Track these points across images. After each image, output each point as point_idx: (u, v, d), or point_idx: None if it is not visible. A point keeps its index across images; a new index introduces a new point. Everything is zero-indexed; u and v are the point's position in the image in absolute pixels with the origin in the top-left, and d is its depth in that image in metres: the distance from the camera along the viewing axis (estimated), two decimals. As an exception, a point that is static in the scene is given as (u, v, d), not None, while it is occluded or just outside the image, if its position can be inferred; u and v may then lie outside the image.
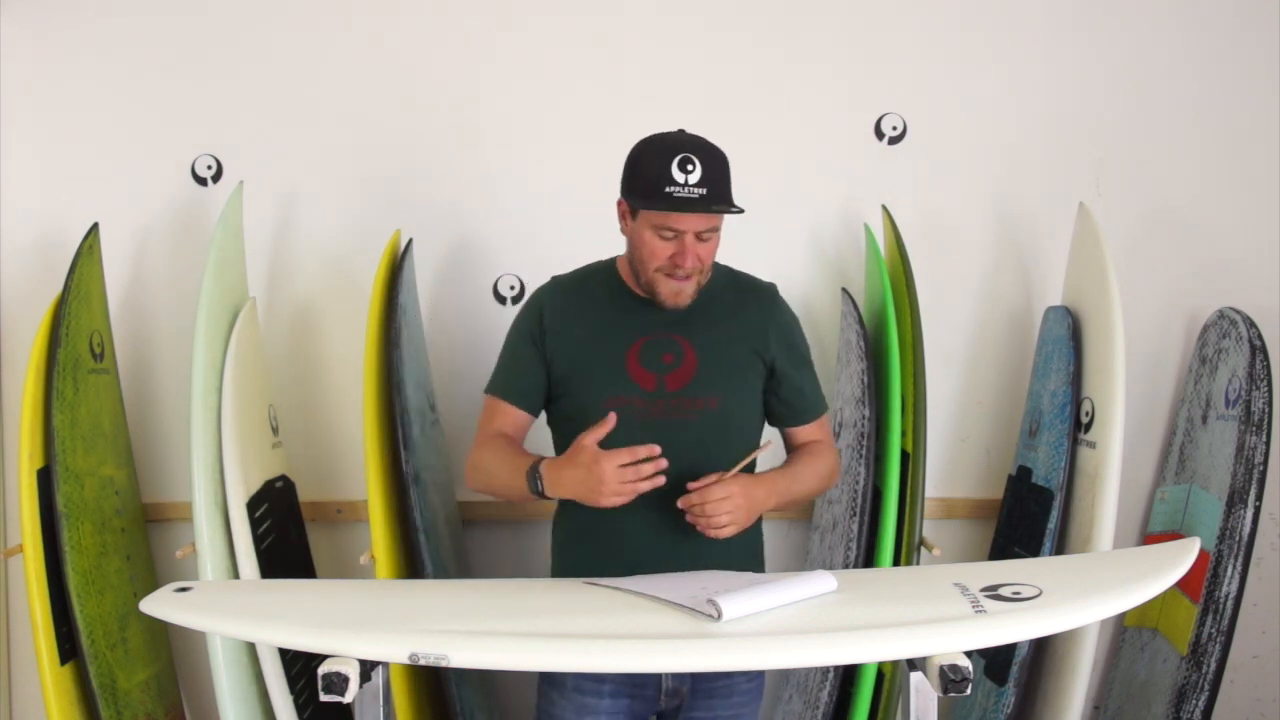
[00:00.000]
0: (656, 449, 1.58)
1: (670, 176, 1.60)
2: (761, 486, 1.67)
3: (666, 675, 1.69)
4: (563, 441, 1.76)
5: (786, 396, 1.79)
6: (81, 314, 2.29)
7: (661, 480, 1.58)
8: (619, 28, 2.59)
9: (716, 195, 1.63)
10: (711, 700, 1.73)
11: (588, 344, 1.73)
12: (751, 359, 1.76)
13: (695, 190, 1.61)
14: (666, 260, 1.66)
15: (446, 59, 2.58)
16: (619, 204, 1.72)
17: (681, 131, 1.68)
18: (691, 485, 1.62)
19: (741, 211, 1.65)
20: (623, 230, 1.73)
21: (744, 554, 1.76)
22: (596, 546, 1.72)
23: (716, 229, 1.68)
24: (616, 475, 1.56)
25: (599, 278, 1.80)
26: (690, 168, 1.61)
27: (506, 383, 1.78)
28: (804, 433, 1.83)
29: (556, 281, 1.83)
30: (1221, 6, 2.60)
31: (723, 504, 1.60)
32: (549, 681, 1.73)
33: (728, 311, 1.76)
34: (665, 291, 1.68)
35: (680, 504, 1.62)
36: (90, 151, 2.57)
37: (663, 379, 1.70)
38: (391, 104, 2.58)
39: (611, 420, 1.60)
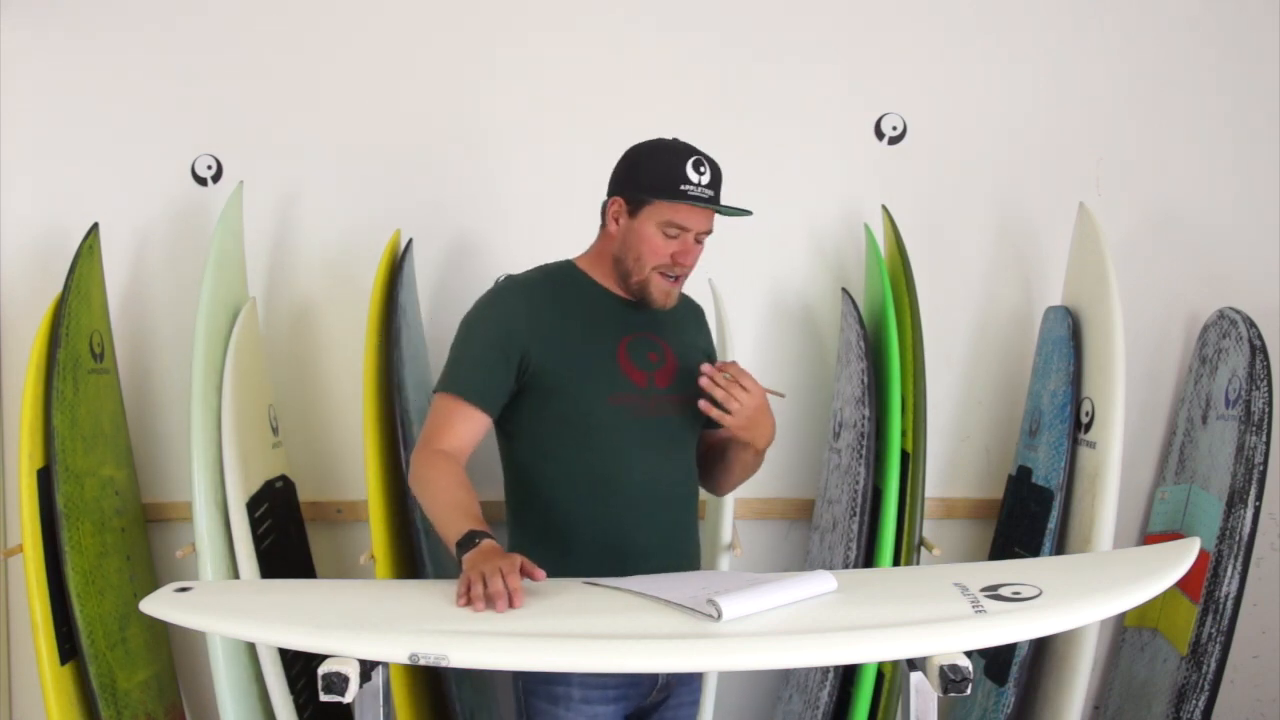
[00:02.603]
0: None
1: (686, 175, 1.66)
2: (769, 417, 1.72)
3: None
4: (537, 454, 1.71)
5: None
6: (81, 314, 2.29)
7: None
8: (618, 28, 2.59)
9: (720, 199, 1.71)
10: (681, 690, 1.78)
11: (578, 342, 1.71)
12: (704, 362, 1.81)
13: (706, 191, 1.68)
14: (668, 258, 1.70)
15: (447, 59, 2.58)
16: (613, 202, 1.73)
17: (676, 139, 1.73)
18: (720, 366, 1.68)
19: (751, 213, 1.72)
20: (612, 229, 1.73)
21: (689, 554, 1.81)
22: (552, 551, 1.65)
23: (711, 232, 1.73)
24: (497, 580, 1.41)
25: (566, 278, 1.78)
26: (702, 169, 1.68)
27: (470, 384, 1.69)
28: (712, 437, 1.86)
29: (523, 283, 1.78)
30: (1221, 7, 2.60)
31: (743, 394, 1.66)
32: (549, 700, 1.65)
33: (682, 319, 1.84)
34: (657, 291, 1.72)
35: (706, 370, 1.66)
36: (90, 151, 2.57)
37: (652, 376, 1.73)
38: (392, 104, 2.58)
39: (541, 576, 1.47)
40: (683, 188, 1.65)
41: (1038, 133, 2.60)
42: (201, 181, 2.59)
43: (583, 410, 1.69)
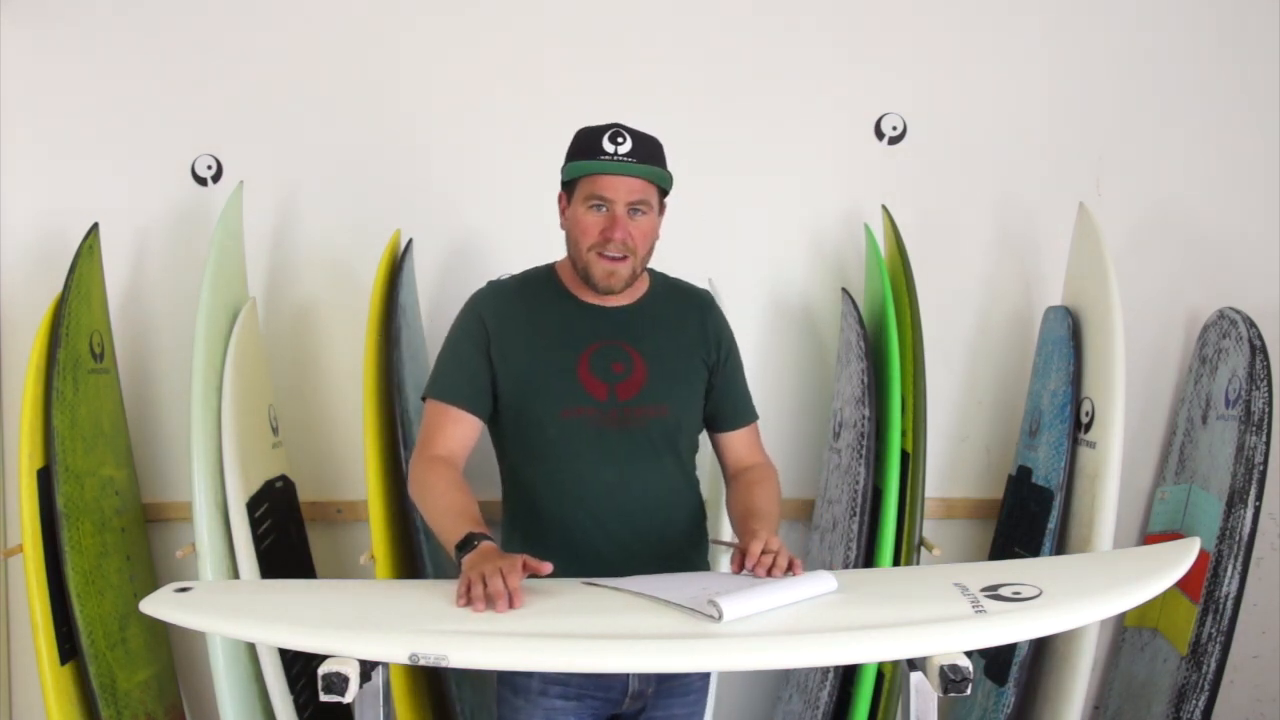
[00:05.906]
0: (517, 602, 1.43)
1: (601, 147, 1.63)
2: (773, 533, 1.62)
3: (633, 677, 1.66)
4: (513, 461, 1.73)
5: (725, 401, 1.80)
6: (81, 314, 2.29)
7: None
8: (618, 27, 2.59)
9: (645, 163, 1.66)
10: (670, 700, 1.73)
11: (537, 354, 1.69)
12: (697, 367, 1.76)
13: (625, 159, 1.63)
14: (598, 236, 1.64)
15: (447, 59, 2.58)
16: (559, 199, 1.72)
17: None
18: (747, 564, 1.54)
19: (668, 179, 1.67)
20: (561, 224, 1.72)
21: (691, 547, 1.77)
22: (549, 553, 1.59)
23: (648, 204, 1.66)
24: (496, 580, 1.42)
25: (540, 283, 1.76)
26: (621, 140, 1.63)
27: (453, 386, 1.69)
28: (739, 439, 1.82)
29: (495, 286, 1.77)
30: (1221, 6, 2.60)
31: (779, 555, 1.54)
32: (512, 689, 1.66)
33: (671, 319, 1.76)
34: (599, 273, 1.66)
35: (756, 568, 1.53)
36: (90, 151, 2.57)
37: (614, 389, 1.68)
38: (392, 104, 2.58)
39: (547, 569, 1.48)
40: (598, 158, 1.63)
41: (1038, 133, 2.60)
42: (201, 181, 2.59)
43: (537, 424, 1.68)
